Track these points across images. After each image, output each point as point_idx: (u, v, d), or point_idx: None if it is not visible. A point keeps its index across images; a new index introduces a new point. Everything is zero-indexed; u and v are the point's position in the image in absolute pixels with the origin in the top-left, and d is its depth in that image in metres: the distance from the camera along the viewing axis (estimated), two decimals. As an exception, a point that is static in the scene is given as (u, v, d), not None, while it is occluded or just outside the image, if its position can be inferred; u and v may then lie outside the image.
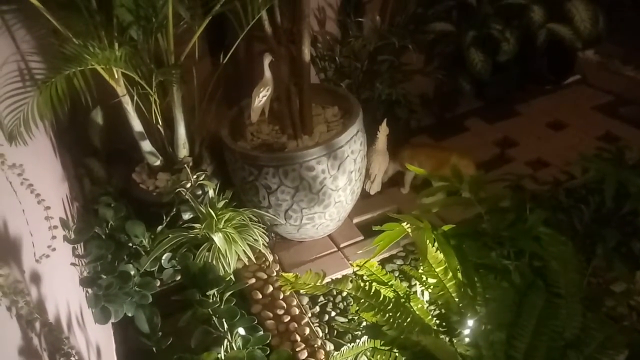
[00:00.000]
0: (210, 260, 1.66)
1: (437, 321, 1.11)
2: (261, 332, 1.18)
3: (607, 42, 2.87)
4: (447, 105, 2.76)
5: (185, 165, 1.69)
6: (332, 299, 1.74)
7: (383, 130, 2.11)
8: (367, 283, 1.12)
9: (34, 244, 1.07)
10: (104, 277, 1.53)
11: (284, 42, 1.81)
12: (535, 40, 2.50)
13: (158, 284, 1.71)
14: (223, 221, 1.72)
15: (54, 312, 1.09)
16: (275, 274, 1.85)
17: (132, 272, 1.60)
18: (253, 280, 1.82)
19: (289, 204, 1.76)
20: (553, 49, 2.67)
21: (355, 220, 2.09)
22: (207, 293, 1.15)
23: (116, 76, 1.55)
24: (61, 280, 1.28)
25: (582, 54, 3.04)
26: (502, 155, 2.47)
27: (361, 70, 2.26)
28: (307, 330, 1.62)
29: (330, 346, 1.59)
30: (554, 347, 1.07)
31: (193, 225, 1.71)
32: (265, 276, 1.84)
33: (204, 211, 1.71)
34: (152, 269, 1.66)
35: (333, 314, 1.71)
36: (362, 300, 1.07)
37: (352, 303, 1.12)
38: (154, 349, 1.02)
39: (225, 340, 1.13)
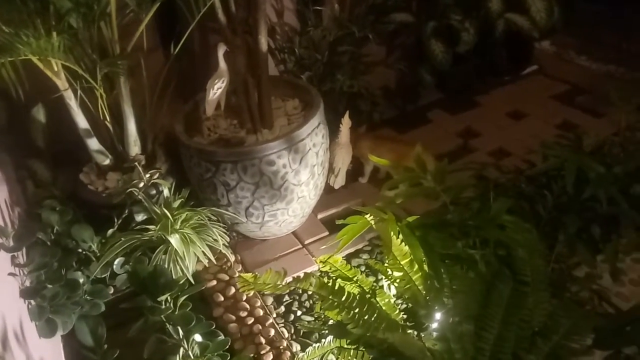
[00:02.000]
0: (167, 264, 1.57)
1: (405, 316, 1.07)
2: (221, 337, 1.11)
3: (562, 33, 2.93)
4: (409, 97, 2.74)
5: (137, 164, 1.59)
6: (297, 297, 1.68)
7: (345, 123, 2.06)
8: (331, 280, 1.07)
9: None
10: (49, 286, 1.42)
11: (239, 32, 1.73)
12: (493, 30, 2.51)
13: (112, 291, 1.61)
14: (180, 222, 1.63)
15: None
16: (237, 274, 1.78)
17: (82, 280, 1.50)
18: (214, 282, 1.74)
19: (249, 201, 1.68)
20: (511, 40, 2.69)
21: (320, 216, 2.03)
22: (159, 299, 1.07)
23: (56, 69, 1.43)
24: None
25: (538, 45, 3.09)
26: (465, 145, 2.47)
27: (321, 61, 2.20)
28: (272, 332, 1.55)
29: (296, 347, 1.53)
30: (523, 336, 1.04)
31: (147, 227, 1.61)
32: (226, 277, 1.76)
33: (158, 212, 1.61)
34: (104, 276, 1.56)
35: (299, 313, 1.65)
36: (326, 298, 1.02)
37: (317, 301, 1.06)
38: (101, 362, 0.94)
39: (182, 349, 1.05)
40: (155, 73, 2.06)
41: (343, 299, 1.00)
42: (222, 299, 1.68)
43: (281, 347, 1.50)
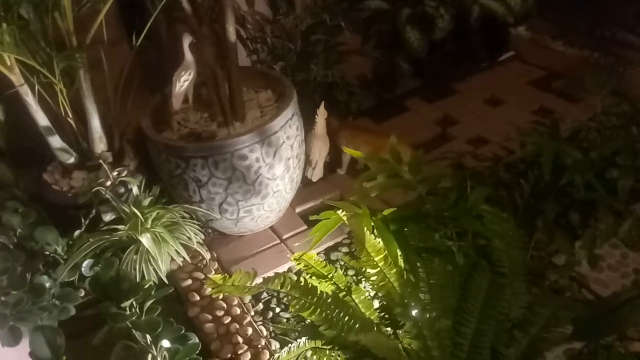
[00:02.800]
0: (138, 264, 1.52)
1: (381, 314, 1.04)
2: (192, 341, 1.06)
3: (537, 19, 2.92)
4: (386, 85, 2.70)
5: (102, 162, 1.52)
6: (275, 294, 1.64)
7: (321, 114, 2.02)
8: (303, 280, 1.03)
9: None
10: (12, 292, 1.36)
11: (206, 21, 1.66)
12: (469, 16, 2.48)
13: (82, 294, 1.54)
14: (150, 220, 1.57)
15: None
16: (213, 272, 1.73)
17: (48, 284, 1.44)
18: (189, 282, 1.69)
19: (222, 197, 1.63)
20: (487, 26, 2.67)
21: (298, 210, 1.99)
22: (123, 305, 1.02)
23: (8, 63, 1.35)
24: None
25: (514, 31, 3.07)
26: (444, 134, 2.44)
27: (294, 51, 2.14)
28: (250, 330, 1.51)
29: (275, 345, 1.49)
30: (501, 330, 1.02)
31: (116, 227, 1.55)
32: (202, 276, 1.71)
33: (127, 211, 1.55)
34: (72, 279, 1.49)
35: (278, 310, 1.61)
36: (297, 298, 0.98)
37: (290, 301, 1.02)
38: (60, 375, 0.88)
39: (150, 355, 1.00)
40: (120, 66, 1.99)
41: (315, 299, 0.97)
42: (197, 298, 1.63)
43: (259, 345, 1.47)
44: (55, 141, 1.59)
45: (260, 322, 1.57)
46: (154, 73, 1.98)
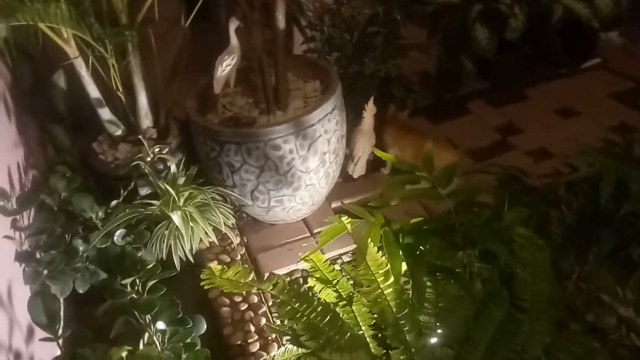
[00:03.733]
0: (166, 240, 1.56)
1: (375, 331, 0.98)
2: (188, 326, 1.07)
3: (630, 24, 2.61)
4: (448, 85, 2.56)
5: (142, 137, 1.57)
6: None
7: (370, 109, 1.95)
8: (295, 285, 0.99)
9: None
10: (52, 252, 1.44)
11: (257, 6, 1.64)
12: (549, 17, 2.28)
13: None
14: (183, 199, 1.60)
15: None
16: (239, 257, 1.74)
17: (82, 248, 1.51)
18: (215, 263, 1.71)
19: (254, 185, 1.63)
20: (571, 28, 2.43)
21: (334, 205, 1.95)
22: (124, 282, 1.04)
23: (65, 36, 1.42)
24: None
25: (604, 36, 2.78)
26: (504, 142, 2.28)
27: (351, 42, 2.08)
28: (263, 321, 1.51)
29: (286, 338, 1.48)
30: (510, 369, 0.93)
31: (151, 202, 1.59)
32: (228, 259, 1.73)
33: (162, 187, 1.59)
34: (105, 245, 1.56)
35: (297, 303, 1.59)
36: (285, 303, 0.94)
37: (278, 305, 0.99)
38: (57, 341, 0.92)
39: (147, 334, 1.02)
40: (179, 47, 2.04)
41: (304, 306, 0.93)
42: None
43: (269, 337, 1.46)
44: (105, 113, 1.66)
45: (277, 314, 1.56)
46: (209, 54, 2.01)
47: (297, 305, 0.95)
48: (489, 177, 1.72)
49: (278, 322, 1.53)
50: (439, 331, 0.95)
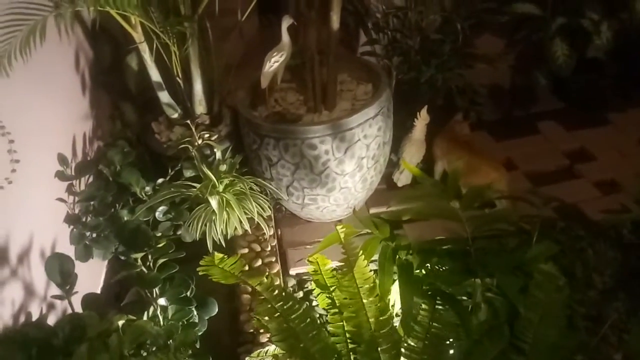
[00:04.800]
0: (202, 221, 1.64)
1: (352, 345, 0.96)
2: (188, 308, 1.12)
3: None
4: (520, 101, 2.41)
5: (190, 122, 1.66)
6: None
7: (422, 118, 1.90)
8: (280, 286, 1.00)
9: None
10: (98, 218, 1.58)
11: (316, 5, 1.66)
12: (644, 37, 2.06)
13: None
14: (223, 185, 1.68)
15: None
16: (270, 248, 1.79)
17: (126, 218, 1.63)
18: (246, 251, 1.78)
19: (289, 180, 1.66)
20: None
21: (373, 211, 1.92)
22: (134, 256, 1.12)
23: (133, 22, 1.54)
24: (37, 213, 1.33)
25: None
26: (571, 169, 2.10)
27: (413, 48, 2.03)
28: (279, 314, 1.54)
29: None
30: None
31: (193, 184, 1.69)
32: (259, 249, 1.78)
33: (205, 172, 1.67)
34: (147, 219, 1.68)
35: (315, 303, 1.60)
36: (266, 300, 0.96)
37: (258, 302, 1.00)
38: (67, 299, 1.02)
39: (152, 307, 1.09)
40: (248, 37, 2.12)
41: (283, 307, 0.94)
42: (246, 268, 1.71)
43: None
44: (164, 96, 1.78)
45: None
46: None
47: (277, 305, 0.96)
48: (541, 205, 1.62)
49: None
50: (424, 357, 0.91)
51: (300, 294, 1.64)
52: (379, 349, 0.88)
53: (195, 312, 1.22)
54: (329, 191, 1.67)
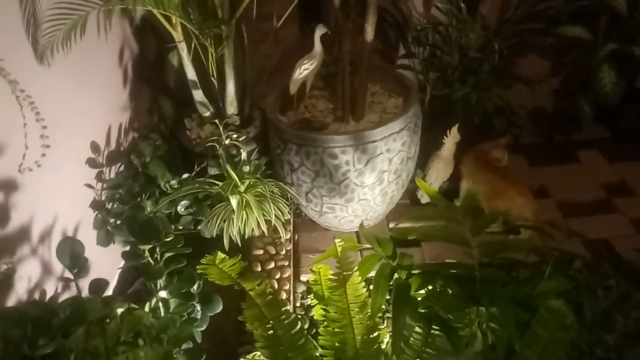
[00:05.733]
0: (220, 219, 1.67)
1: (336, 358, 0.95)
2: (190, 304, 1.15)
3: None
4: (563, 126, 2.31)
5: (218, 121, 1.70)
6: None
7: (452, 137, 1.86)
8: (273, 293, 1.00)
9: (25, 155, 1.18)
10: (122, 206, 1.64)
11: (352, 16, 1.67)
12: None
13: (173, 227, 1.78)
14: (245, 186, 1.71)
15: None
16: (284, 252, 1.80)
17: (149, 209, 1.69)
18: (260, 252, 1.80)
19: (309, 187, 1.67)
20: None
21: (392, 225, 1.91)
22: (141, 247, 1.16)
23: (174, 21, 1.60)
24: (64, 196, 1.41)
25: None
26: (608, 202, 2.00)
27: (451, 65, 1.99)
28: (284, 319, 1.55)
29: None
30: None
31: (216, 182, 1.73)
32: (273, 252, 1.80)
33: (228, 171, 1.71)
34: (169, 211, 1.73)
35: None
36: (255, 306, 0.96)
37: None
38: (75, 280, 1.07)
39: (154, 299, 1.13)
40: (286, 43, 2.15)
41: (272, 314, 0.94)
42: (259, 269, 1.73)
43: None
44: (198, 95, 1.84)
45: (300, 317, 1.59)
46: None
47: (265, 311, 0.97)
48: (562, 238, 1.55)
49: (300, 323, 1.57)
50: (411, 381, 0.89)
51: (308, 300, 1.64)
52: (361, 367, 0.87)
53: (198, 308, 1.25)
54: (347, 201, 1.67)
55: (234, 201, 1.66)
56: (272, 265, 1.74)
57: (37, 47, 1.26)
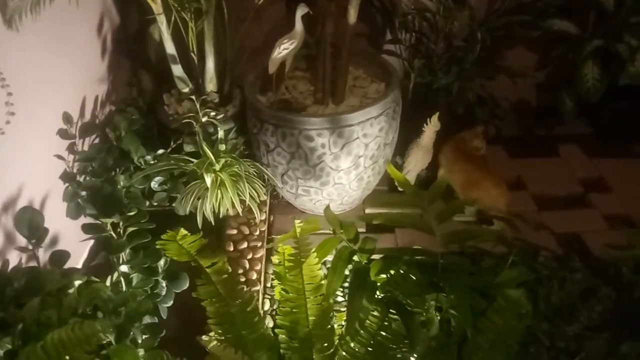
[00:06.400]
0: (193, 196, 1.66)
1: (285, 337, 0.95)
2: (154, 279, 1.14)
3: None
4: (545, 120, 2.31)
5: (195, 97, 1.68)
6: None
7: (432, 125, 1.85)
8: (228, 270, 1.00)
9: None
10: (94, 179, 1.61)
11: (336, -3, 1.64)
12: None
13: (147, 204, 1.76)
14: (220, 165, 1.69)
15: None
16: (258, 232, 1.80)
17: (122, 183, 1.67)
18: (234, 232, 1.79)
19: (284, 169, 1.66)
20: None
21: (369, 211, 1.90)
22: (103, 220, 1.14)
23: (152, -7, 1.57)
24: (31, 166, 1.38)
25: None
26: (583, 197, 2.01)
27: (435, 52, 1.98)
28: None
29: (269, 322, 1.51)
30: None
31: (191, 159, 1.71)
32: (247, 232, 1.79)
33: (204, 149, 1.69)
34: (142, 187, 1.71)
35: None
36: (210, 282, 0.95)
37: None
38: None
39: (117, 272, 1.12)
40: (272, 22, 2.12)
41: (227, 292, 0.93)
42: (231, 249, 1.73)
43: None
44: (177, 70, 1.81)
45: (270, 297, 1.59)
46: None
47: (220, 289, 0.96)
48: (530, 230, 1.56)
49: (268, 302, 1.57)
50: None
51: (279, 282, 1.64)
52: (313, 348, 0.87)
53: (163, 284, 1.25)
54: (322, 185, 1.66)
55: (208, 179, 1.65)
56: (245, 245, 1.74)
57: (6, 10, 1.23)
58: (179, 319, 1.34)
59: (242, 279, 1.62)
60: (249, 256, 1.70)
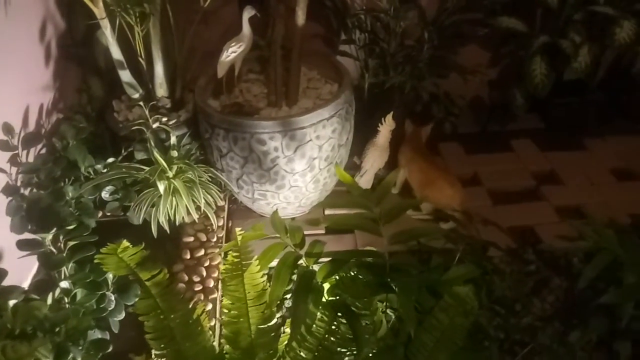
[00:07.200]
0: (146, 205, 1.62)
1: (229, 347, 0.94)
2: (99, 294, 1.10)
3: None
4: (498, 116, 2.36)
5: (143, 103, 1.64)
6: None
7: (387, 124, 1.86)
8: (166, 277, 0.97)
9: None
10: (40, 192, 1.55)
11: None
12: (630, 66, 2.01)
13: (100, 214, 1.71)
14: (173, 172, 1.66)
15: None
16: (216, 239, 1.77)
17: (71, 194, 1.61)
18: (191, 239, 1.76)
19: (239, 173, 1.64)
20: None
21: (328, 212, 1.90)
22: (42, 235, 1.10)
23: (94, -3, 1.52)
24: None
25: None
26: (536, 190, 2.06)
27: (388, 52, 1.99)
28: (210, 307, 1.52)
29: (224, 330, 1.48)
30: None
31: (143, 167, 1.67)
32: (204, 239, 1.76)
33: (156, 155, 1.65)
34: (93, 197, 1.66)
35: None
36: (150, 297, 0.93)
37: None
38: None
39: (57, 288, 1.08)
40: (225, 24, 2.08)
41: (166, 305, 0.91)
42: (188, 257, 1.69)
43: (208, 325, 1.47)
44: (125, 75, 1.76)
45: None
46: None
47: (160, 302, 0.94)
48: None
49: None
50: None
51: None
52: (255, 358, 0.86)
53: (112, 297, 1.21)
54: (278, 188, 1.65)
55: (161, 187, 1.61)
56: (202, 252, 1.71)
57: None
58: (138, 331, 1.30)
59: (199, 287, 1.59)
60: (206, 264, 1.67)
